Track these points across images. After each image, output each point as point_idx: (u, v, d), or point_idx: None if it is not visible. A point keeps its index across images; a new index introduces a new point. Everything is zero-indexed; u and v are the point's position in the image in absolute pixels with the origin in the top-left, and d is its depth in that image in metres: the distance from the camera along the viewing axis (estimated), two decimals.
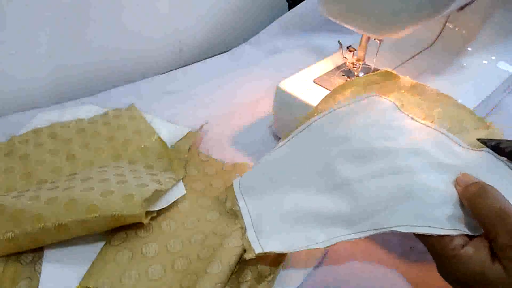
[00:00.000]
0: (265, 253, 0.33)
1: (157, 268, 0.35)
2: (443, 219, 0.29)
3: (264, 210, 0.37)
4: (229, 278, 0.34)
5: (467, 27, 0.53)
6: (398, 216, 0.30)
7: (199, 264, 0.35)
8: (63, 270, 0.35)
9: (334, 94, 0.41)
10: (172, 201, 0.41)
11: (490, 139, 0.35)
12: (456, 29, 0.54)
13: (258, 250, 0.33)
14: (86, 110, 0.55)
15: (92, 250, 0.36)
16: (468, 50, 0.53)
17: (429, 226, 0.28)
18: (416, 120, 0.37)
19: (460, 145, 0.35)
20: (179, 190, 0.42)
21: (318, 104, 0.41)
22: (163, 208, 0.40)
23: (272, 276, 0.34)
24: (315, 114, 0.40)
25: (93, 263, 0.35)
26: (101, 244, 0.37)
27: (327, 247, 0.32)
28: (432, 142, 0.35)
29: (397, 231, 0.29)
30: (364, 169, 0.34)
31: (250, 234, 0.35)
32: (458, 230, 0.28)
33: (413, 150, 0.34)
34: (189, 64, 0.71)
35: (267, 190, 0.38)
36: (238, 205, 0.38)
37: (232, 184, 0.41)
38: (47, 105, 0.58)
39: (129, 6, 0.62)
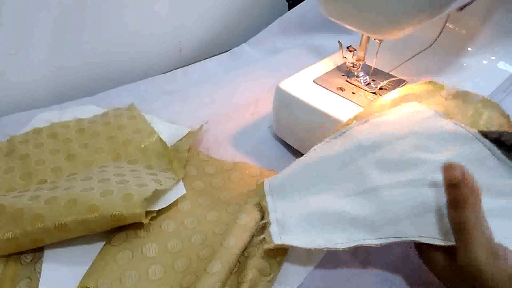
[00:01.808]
0: (282, 245, 0.34)
1: (157, 268, 0.35)
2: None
3: (290, 209, 0.37)
4: (229, 278, 0.34)
5: (467, 27, 0.53)
6: (421, 227, 0.30)
7: (199, 264, 0.35)
8: (63, 270, 0.35)
9: (374, 104, 0.41)
10: (172, 201, 0.41)
11: (491, 131, 0.34)
12: (456, 29, 0.54)
13: (277, 241, 0.34)
14: (86, 110, 0.55)
15: (92, 250, 0.36)
16: (468, 50, 0.53)
17: (450, 240, 0.29)
18: (458, 125, 0.37)
19: (497, 158, 0.34)
20: (179, 190, 0.42)
21: (357, 114, 0.41)
22: (163, 208, 0.40)
23: (272, 276, 0.34)
24: (352, 122, 0.40)
25: (93, 263, 0.35)
26: (101, 244, 0.37)
27: (346, 248, 0.32)
28: (468, 156, 0.34)
29: (418, 242, 0.30)
30: (394, 178, 0.34)
31: (273, 229, 0.35)
32: None
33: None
34: (189, 64, 0.71)
35: (296, 191, 0.38)
36: (266, 201, 0.39)
37: (262, 183, 0.41)
38: (47, 105, 0.58)
39: (129, 7, 0.62)
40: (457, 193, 0.27)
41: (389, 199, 0.33)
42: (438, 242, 0.29)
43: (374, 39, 0.43)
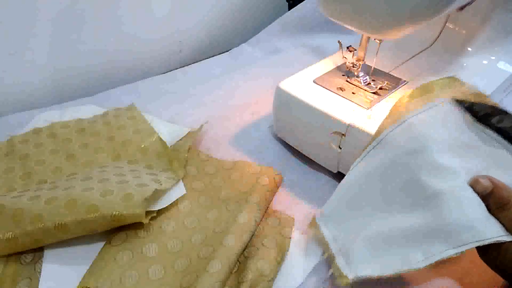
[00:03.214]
0: (360, 278, 0.31)
1: (157, 268, 0.35)
2: None
3: (350, 236, 0.35)
4: (229, 277, 0.34)
5: (467, 27, 0.53)
6: (496, 225, 0.29)
7: (199, 264, 0.35)
8: (63, 270, 0.35)
9: (403, 104, 0.38)
10: (172, 201, 0.41)
11: (464, 100, 0.35)
12: (456, 29, 0.54)
13: (351, 276, 0.31)
14: (86, 110, 0.55)
15: (92, 250, 0.36)
16: (468, 50, 0.53)
17: None
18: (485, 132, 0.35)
19: None
20: (179, 190, 0.42)
21: (387, 117, 0.38)
22: (163, 208, 0.40)
23: (272, 276, 0.34)
24: (386, 127, 0.37)
25: (93, 263, 0.35)
26: (101, 244, 0.37)
27: (427, 266, 0.29)
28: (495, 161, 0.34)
29: (502, 241, 0.28)
30: (454, 180, 0.32)
31: (340, 261, 0.33)
32: None
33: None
34: (189, 64, 0.71)
35: (348, 215, 0.36)
36: (322, 232, 0.36)
37: (314, 216, 0.39)
38: (47, 105, 0.58)
39: (129, 7, 0.62)
40: (497, 198, 0.29)
41: (457, 203, 0.30)
42: None
43: (374, 39, 0.43)
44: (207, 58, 0.73)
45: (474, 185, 0.31)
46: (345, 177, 0.38)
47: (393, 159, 0.35)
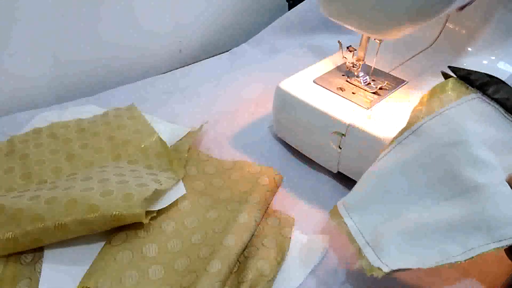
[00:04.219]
0: (396, 271, 0.30)
1: (157, 268, 0.35)
2: None
3: (379, 228, 0.33)
4: (229, 277, 0.34)
5: (467, 27, 0.53)
6: None
7: (199, 264, 0.35)
8: (63, 270, 0.35)
9: (437, 94, 0.37)
10: (172, 201, 0.41)
11: (460, 68, 0.34)
12: (456, 29, 0.54)
13: (385, 268, 0.30)
14: (86, 110, 0.55)
15: (92, 250, 0.36)
16: (468, 50, 0.53)
17: None
18: None
19: None
20: (179, 190, 0.42)
21: (420, 107, 0.37)
22: (163, 208, 0.40)
23: (272, 276, 0.34)
24: (421, 117, 0.36)
25: (93, 263, 0.35)
26: (101, 244, 0.37)
27: (466, 260, 0.28)
28: None
29: None
30: (493, 175, 0.31)
31: (369, 253, 0.32)
32: None
33: None
34: (189, 64, 0.71)
35: (376, 206, 0.35)
36: (346, 224, 0.34)
37: (335, 206, 0.37)
38: (47, 105, 0.58)
39: (129, 7, 0.62)
40: None
41: (499, 196, 0.30)
42: None
43: (374, 39, 0.43)
44: (207, 58, 0.73)
45: (511, 182, 0.30)
46: (371, 167, 0.36)
47: (430, 150, 0.34)
